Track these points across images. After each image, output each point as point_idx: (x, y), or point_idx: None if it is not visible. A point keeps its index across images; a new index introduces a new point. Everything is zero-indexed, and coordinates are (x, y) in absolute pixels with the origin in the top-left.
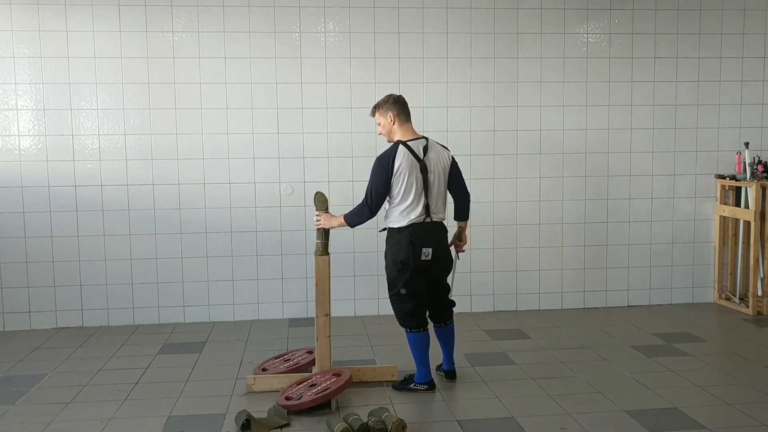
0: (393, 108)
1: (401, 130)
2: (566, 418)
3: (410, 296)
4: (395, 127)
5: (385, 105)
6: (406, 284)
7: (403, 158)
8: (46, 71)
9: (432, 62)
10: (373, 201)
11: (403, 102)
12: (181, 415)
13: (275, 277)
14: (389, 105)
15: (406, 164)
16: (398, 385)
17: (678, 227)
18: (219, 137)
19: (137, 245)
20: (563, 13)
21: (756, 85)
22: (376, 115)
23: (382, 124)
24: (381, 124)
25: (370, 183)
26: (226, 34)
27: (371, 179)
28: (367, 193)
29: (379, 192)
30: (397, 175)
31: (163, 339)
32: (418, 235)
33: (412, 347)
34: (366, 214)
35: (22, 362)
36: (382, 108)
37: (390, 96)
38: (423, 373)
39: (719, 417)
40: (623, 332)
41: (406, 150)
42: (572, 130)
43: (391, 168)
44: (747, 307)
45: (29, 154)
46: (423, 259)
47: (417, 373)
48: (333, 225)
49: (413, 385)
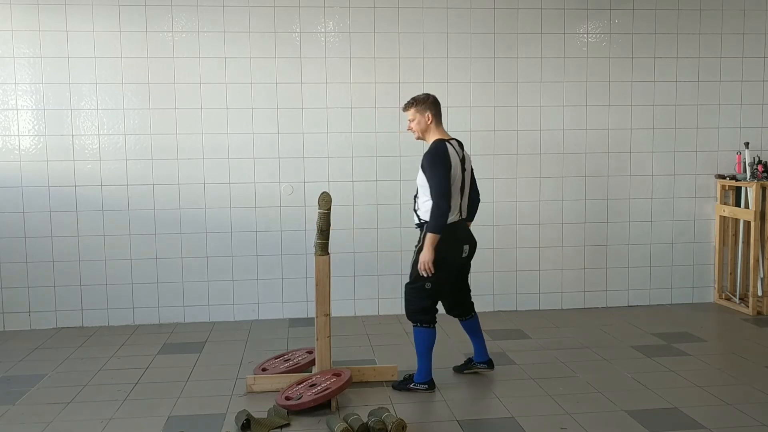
0: (432, 108)
1: (437, 130)
2: (566, 418)
3: (433, 293)
4: (431, 126)
5: (424, 103)
6: (436, 280)
7: (452, 156)
8: (46, 71)
9: (432, 62)
10: (446, 196)
11: (439, 104)
12: (181, 415)
13: (275, 277)
14: (428, 104)
15: (454, 162)
16: (398, 384)
17: (678, 227)
18: (219, 137)
19: (137, 245)
20: (563, 13)
21: (756, 85)
22: (412, 110)
23: (417, 121)
24: (415, 120)
25: (436, 180)
26: (226, 34)
27: (434, 176)
28: (436, 193)
29: (447, 186)
30: (450, 171)
31: (163, 339)
32: (460, 232)
33: (421, 343)
34: (446, 212)
35: (22, 362)
36: (420, 105)
37: (429, 95)
38: (425, 371)
39: (719, 417)
40: (623, 332)
41: (451, 148)
42: (572, 130)
43: (448, 164)
44: (747, 307)
45: (29, 154)
46: (463, 256)
47: (417, 373)
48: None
49: (413, 384)
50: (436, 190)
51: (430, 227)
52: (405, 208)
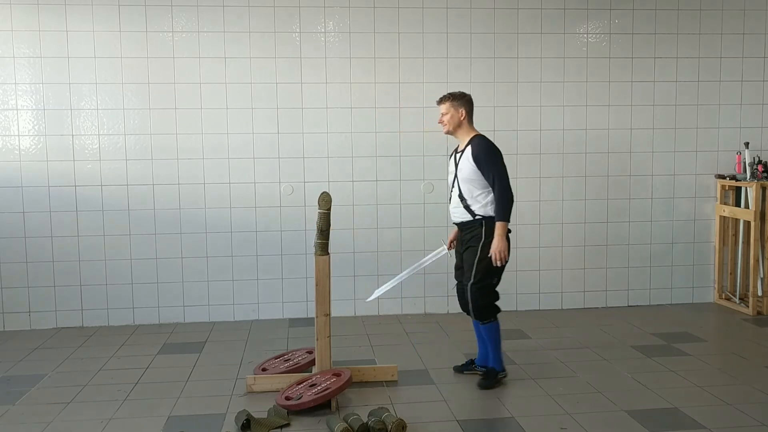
0: (467, 106)
1: (469, 127)
2: (566, 418)
3: (496, 286)
4: (464, 122)
5: (461, 99)
6: (500, 275)
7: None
8: (46, 71)
9: (432, 62)
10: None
11: (473, 104)
12: (181, 415)
13: (275, 277)
14: (465, 102)
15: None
16: (487, 383)
17: (678, 227)
18: (219, 137)
19: (137, 245)
20: (563, 13)
21: (756, 85)
22: (447, 104)
23: (450, 115)
24: (449, 114)
25: (499, 169)
26: (226, 34)
27: (497, 166)
28: (503, 182)
29: (507, 174)
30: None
31: (163, 339)
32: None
33: (495, 336)
34: (512, 200)
35: (22, 362)
36: (457, 101)
37: (466, 93)
38: (501, 360)
39: (719, 417)
40: (623, 332)
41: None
42: (572, 130)
43: (501, 154)
44: (747, 307)
45: (29, 154)
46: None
47: (496, 363)
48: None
49: (500, 376)
50: (501, 179)
51: (501, 216)
52: (405, 208)
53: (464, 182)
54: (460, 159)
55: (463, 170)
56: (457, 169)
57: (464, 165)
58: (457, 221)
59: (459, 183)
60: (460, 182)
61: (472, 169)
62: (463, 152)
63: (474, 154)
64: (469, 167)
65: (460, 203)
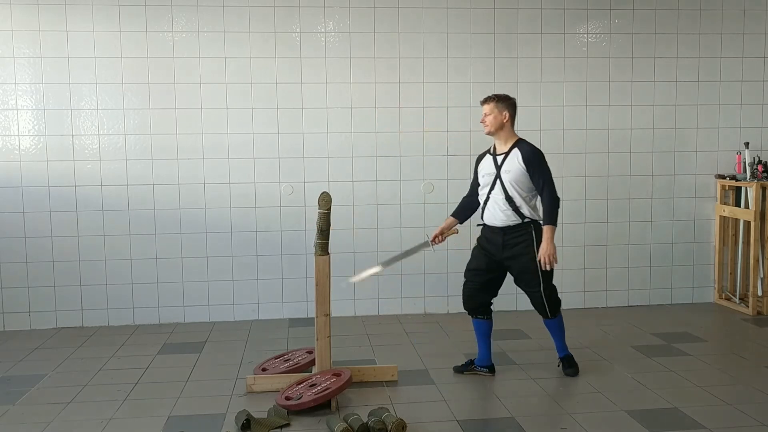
0: (512, 109)
1: (511, 130)
2: (566, 418)
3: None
4: (507, 125)
5: (507, 102)
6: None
7: None
8: (46, 71)
9: (432, 62)
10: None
11: (516, 107)
12: (181, 415)
13: (275, 277)
14: (510, 105)
15: None
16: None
17: (678, 227)
18: (219, 137)
19: (137, 245)
20: (563, 14)
21: (756, 85)
22: (492, 104)
23: (494, 116)
24: (492, 115)
25: (549, 175)
26: (225, 34)
27: (548, 172)
28: (552, 186)
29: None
30: None
31: (163, 339)
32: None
33: (562, 326)
34: (558, 204)
35: (22, 362)
36: (503, 103)
37: (511, 97)
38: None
39: (719, 417)
40: (623, 332)
41: None
42: (572, 130)
43: None
44: (747, 307)
45: (29, 154)
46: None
47: (564, 349)
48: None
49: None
50: (551, 183)
51: (550, 219)
52: (405, 208)
53: (511, 185)
54: (503, 162)
55: (510, 173)
56: (501, 171)
57: (511, 168)
58: (500, 225)
59: (504, 186)
60: (506, 184)
61: (521, 172)
62: (506, 155)
63: (525, 159)
64: (518, 170)
65: (507, 206)
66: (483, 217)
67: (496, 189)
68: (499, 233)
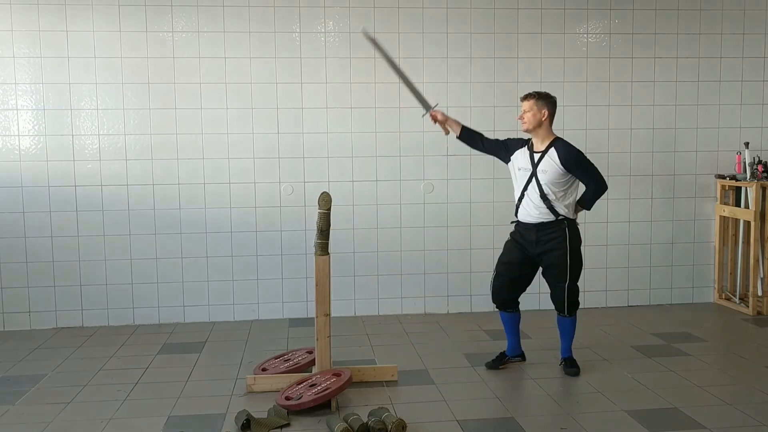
0: (551, 107)
1: (549, 129)
2: (566, 418)
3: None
4: (545, 123)
5: (546, 100)
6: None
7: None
8: (46, 71)
9: (432, 62)
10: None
11: (557, 106)
12: (181, 415)
13: (275, 277)
14: (550, 103)
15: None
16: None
17: (678, 227)
18: (219, 137)
19: (137, 245)
20: (563, 13)
21: (756, 85)
22: (531, 101)
23: (533, 113)
24: (531, 112)
25: (594, 170)
26: (225, 34)
27: (593, 167)
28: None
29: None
30: None
31: (163, 339)
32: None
33: (574, 332)
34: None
35: (22, 362)
36: (543, 101)
37: (552, 95)
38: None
39: (719, 417)
40: (623, 332)
41: None
42: (572, 130)
43: None
44: (747, 307)
45: (29, 154)
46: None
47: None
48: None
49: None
50: (597, 179)
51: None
52: (405, 208)
53: (547, 184)
54: (539, 160)
55: (547, 172)
56: (537, 170)
57: (548, 167)
58: (533, 221)
59: (541, 184)
60: (542, 183)
61: (559, 172)
62: (544, 153)
63: (563, 159)
64: (555, 170)
65: (542, 203)
66: (517, 214)
67: (531, 187)
68: (533, 230)
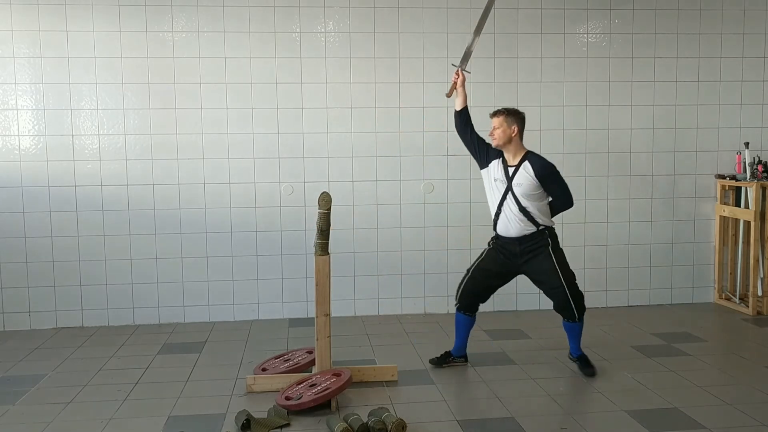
0: (520, 123)
1: (520, 143)
2: (566, 418)
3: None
4: (515, 138)
5: (516, 116)
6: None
7: None
8: (46, 71)
9: (432, 62)
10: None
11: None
12: (181, 415)
13: (275, 277)
14: (519, 119)
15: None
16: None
17: (678, 227)
18: (219, 137)
19: (137, 245)
20: (563, 13)
21: (756, 85)
22: (501, 118)
23: (503, 130)
24: (501, 128)
25: (564, 185)
26: (225, 34)
27: (562, 181)
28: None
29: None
30: None
31: (163, 339)
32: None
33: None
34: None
35: (22, 362)
36: (512, 117)
37: (520, 111)
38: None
39: (719, 417)
40: (623, 332)
41: None
42: (572, 130)
43: None
44: (747, 307)
45: (29, 154)
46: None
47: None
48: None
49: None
50: (566, 191)
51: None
52: (405, 208)
53: (524, 197)
54: (514, 174)
55: (522, 185)
56: (512, 184)
57: (523, 180)
58: (515, 235)
59: (518, 198)
60: (518, 197)
61: (533, 185)
62: (518, 167)
63: (537, 173)
64: (530, 183)
65: (522, 216)
66: (496, 228)
67: (508, 201)
68: (515, 243)
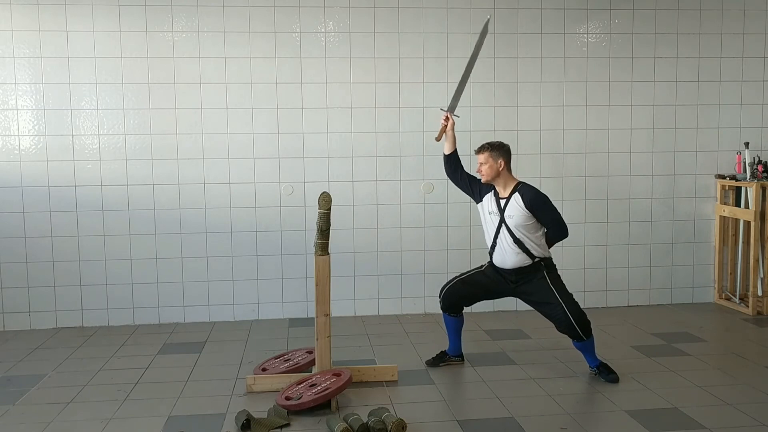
0: (506, 156)
1: (509, 175)
2: (566, 418)
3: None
4: (503, 171)
5: (499, 150)
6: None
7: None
8: (46, 71)
9: (432, 62)
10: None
11: (511, 152)
12: (181, 415)
13: (275, 277)
14: (503, 153)
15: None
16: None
17: (678, 227)
18: (219, 137)
19: (137, 245)
20: (563, 13)
21: (756, 85)
22: (486, 154)
23: (489, 165)
24: (488, 164)
25: (557, 215)
26: (226, 34)
27: (555, 212)
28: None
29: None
30: None
31: (163, 339)
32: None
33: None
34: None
35: (22, 362)
36: (496, 152)
37: (504, 144)
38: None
39: (719, 417)
40: (623, 332)
41: None
42: (572, 130)
43: None
44: (747, 307)
45: (29, 154)
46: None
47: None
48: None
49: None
50: (560, 222)
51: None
52: (405, 208)
53: (517, 229)
54: (506, 206)
55: (514, 217)
56: (504, 216)
57: (514, 212)
58: (511, 268)
59: (511, 229)
60: (512, 228)
61: (525, 216)
62: (509, 199)
63: (528, 204)
64: (521, 213)
65: (518, 248)
66: (492, 259)
67: (502, 233)
68: (512, 273)
